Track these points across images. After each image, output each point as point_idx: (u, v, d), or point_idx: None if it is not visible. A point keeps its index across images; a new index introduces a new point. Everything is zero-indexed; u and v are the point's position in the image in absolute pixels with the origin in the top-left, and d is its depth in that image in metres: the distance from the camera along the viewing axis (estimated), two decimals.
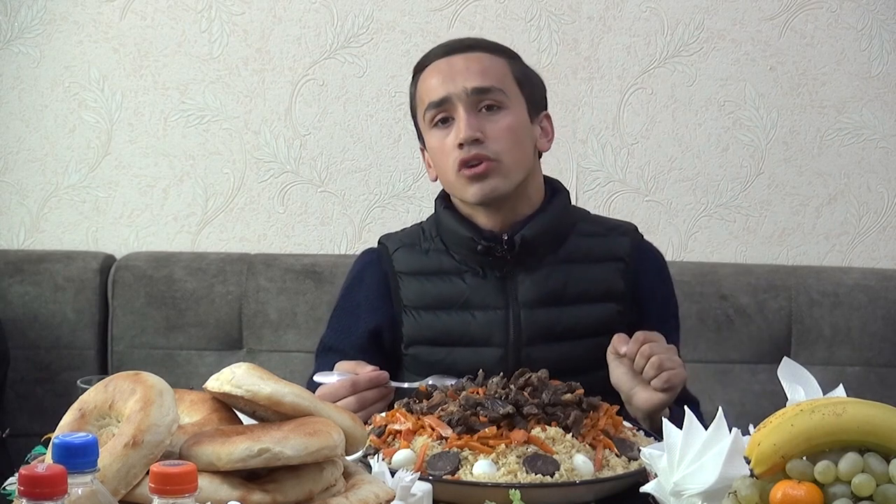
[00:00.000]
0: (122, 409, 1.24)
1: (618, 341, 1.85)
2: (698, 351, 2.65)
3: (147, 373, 1.27)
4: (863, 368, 2.67)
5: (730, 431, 1.37)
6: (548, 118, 2.10)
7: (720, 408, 1.41)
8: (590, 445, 1.56)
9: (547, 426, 1.57)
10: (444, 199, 2.08)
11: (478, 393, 1.65)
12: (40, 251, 2.85)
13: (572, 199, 2.15)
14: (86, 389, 1.30)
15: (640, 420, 1.83)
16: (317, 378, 1.84)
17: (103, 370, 2.70)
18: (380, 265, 2.09)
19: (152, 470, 1.05)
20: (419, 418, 1.62)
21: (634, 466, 1.56)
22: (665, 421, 1.47)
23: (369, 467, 1.44)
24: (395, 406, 1.70)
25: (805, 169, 2.88)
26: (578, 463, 1.52)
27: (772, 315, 2.68)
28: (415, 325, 2.02)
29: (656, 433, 1.68)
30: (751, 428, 1.34)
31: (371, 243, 2.18)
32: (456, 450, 1.54)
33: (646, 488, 1.42)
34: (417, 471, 1.46)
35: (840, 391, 1.46)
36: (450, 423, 1.57)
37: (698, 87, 2.87)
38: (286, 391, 1.29)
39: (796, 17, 2.86)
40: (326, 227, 2.91)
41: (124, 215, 2.93)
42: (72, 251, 2.85)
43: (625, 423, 1.69)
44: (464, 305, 2.01)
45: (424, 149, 2.08)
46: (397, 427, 1.62)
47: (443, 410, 1.61)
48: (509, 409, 1.58)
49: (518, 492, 1.34)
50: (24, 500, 0.98)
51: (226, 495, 1.19)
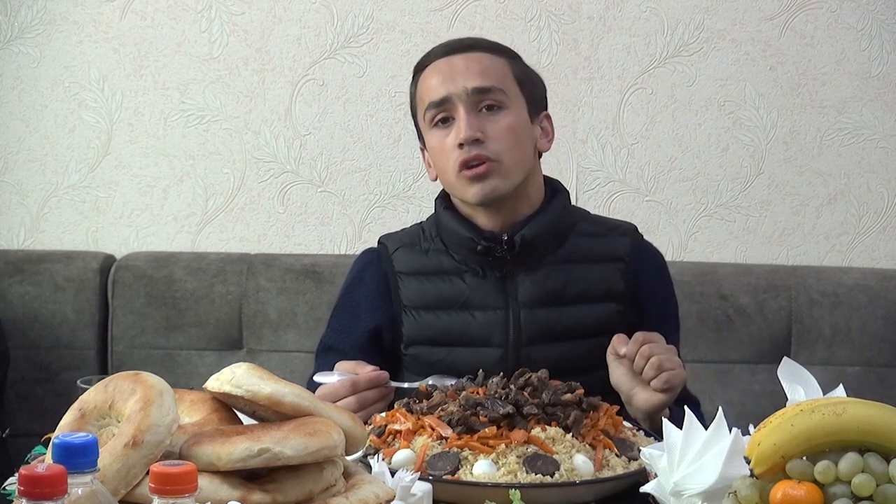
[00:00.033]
0: (122, 409, 1.24)
1: (617, 342, 1.85)
2: (698, 351, 2.65)
3: (147, 373, 1.27)
4: (863, 368, 2.67)
5: (730, 431, 1.36)
6: (548, 118, 2.10)
7: (720, 408, 1.41)
8: (590, 445, 1.56)
9: (547, 426, 1.57)
10: (444, 199, 2.08)
11: (478, 393, 1.65)
12: (40, 251, 2.85)
13: (572, 199, 2.15)
14: (86, 389, 1.30)
15: (640, 420, 1.82)
16: (317, 378, 1.84)
17: (103, 370, 2.70)
18: (380, 265, 2.09)
19: (152, 470, 1.05)
20: (419, 418, 1.62)
21: (634, 466, 1.56)
22: (665, 421, 1.47)
23: (369, 467, 1.44)
24: (395, 406, 1.70)
25: (805, 169, 2.88)
26: (578, 463, 1.52)
27: (772, 315, 2.68)
28: (415, 325, 2.02)
29: (656, 433, 1.68)
30: (751, 428, 1.34)
31: (371, 243, 2.18)
32: (456, 450, 1.54)
33: (646, 488, 1.42)
34: (417, 471, 1.46)
35: (840, 391, 1.46)
36: (450, 423, 1.57)
37: (698, 87, 2.87)
38: (286, 391, 1.29)
39: (796, 17, 2.85)
40: (326, 227, 2.91)
41: (124, 215, 2.93)
42: (72, 251, 2.85)
43: (625, 423, 1.69)
44: (464, 305, 2.00)
45: (424, 148, 2.08)
46: (397, 427, 1.62)
47: (443, 410, 1.61)
48: (509, 409, 1.58)
49: (518, 492, 1.34)
50: (24, 500, 0.98)
51: (226, 495, 1.19)
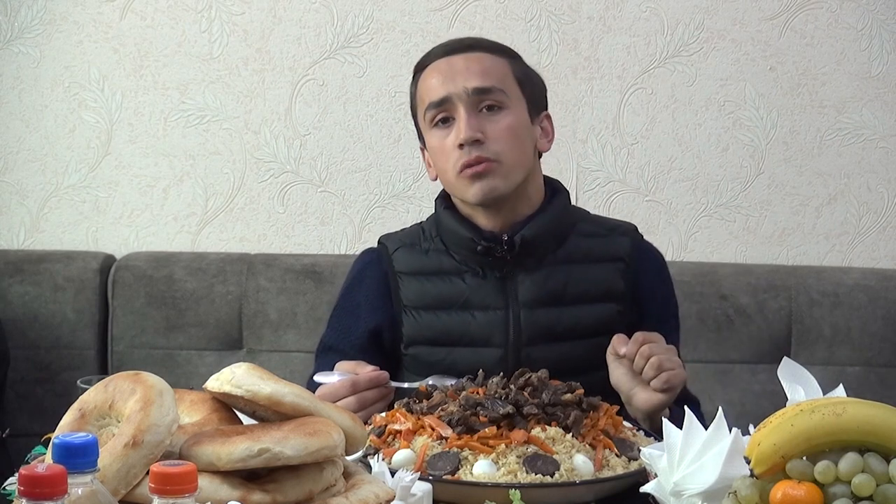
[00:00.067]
0: (122, 409, 1.24)
1: (617, 342, 1.85)
2: (698, 351, 2.65)
3: (147, 373, 1.27)
4: (863, 368, 2.67)
5: (730, 431, 1.36)
6: (548, 118, 2.10)
7: (720, 408, 1.41)
8: (590, 445, 1.56)
9: (547, 426, 1.57)
10: (445, 199, 2.08)
11: (478, 393, 1.65)
12: (40, 251, 2.85)
13: (572, 199, 2.15)
14: (86, 389, 1.30)
15: (640, 420, 1.82)
16: (317, 378, 1.84)
17: (103, 370, 2.70)
18: (380, 265, 2.09)
19: (152, 470, 1.05)
20: (419, 418, 1.61)
21: (634, 466, 1.56)
22: (665, 421, 1.47)
23: (369, 467, 1.44)
24: (395, 406, 1.70)
25: (805, 169, 2.88)
26: (578, 463, 1.52)
27: (772, 315, 2.68)
28: (415, 325, 2.02)
29: (656, 433, 1.68)
30: (751, 428, 1.34)
31: (371, 243, 2.18)
32: (456, 450, 1.54)
33: (646, 488, 1.42)
34: (417, 471, 1.46)
35: (840, 391, 1.46)
36: (450, 423, 1.57)
37: (698, 87, 2.87)
38: (286, 391, 1.29)
39: (796, 17, 2.85)
40: (326, 227, 2.91)
41: (124, 215, 2.93)
42: (72, 251, 2.85)
43: (625, 423, 1.69)
44: (464, 305, 2.00)
45: (424, 148, 2.08)
46: (397, 427, 1.62)
47: (443, 410, 1.61)
48: (509, 409, 1.58)
49: (518, 492, 1.34)
50: (24, 500, 0.98)
51: (226, 495, 1.19)
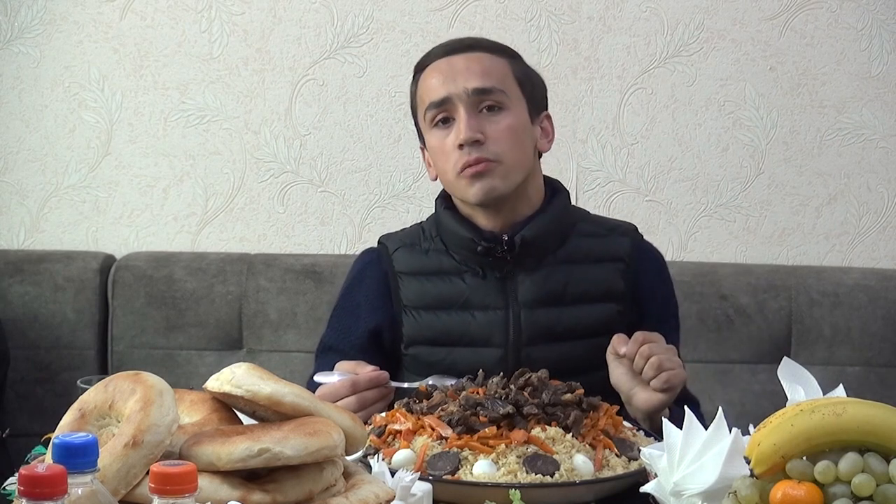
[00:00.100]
0: (122, 409, 1.24)
1: (617, 342, 1.85)
2: (698, 351, 2.65)
3: (147, 373, 1.27)
4: (863, 368, 2.67)
5: (730, 431, 1.36)
6: (548, 118, 2.10)
7: (720, 408, 1.41)
8: (590, 445, 1.56)
9: (547, 426, 1.57)
10: (445, 199, 2.08)
11: (478, 393, 1.65)
12: (40, 251, 2.85)
13: (572, 199, 2.15)
14: (86, 389, 1.30)
15: (640, 420, 1.82)
16: (317, 378, 1.84)
17: (103, 370, 2.70)
18: (380, 265, 2.09)
19: (152, 470, 1.05)
20: (419, 418, 1.61)
21: (634, 466, 1.56)
22: (665, 421, 1.47)
23: (369, 467, 1.44)
24: (395, 406, 1.70)
25: (805, 169, 2.88)
26: (578, 463, 1.52)
27: (772, 315, 2.68)
28: (415, 325, 2.02)
29: (656, 433, 1.68)
30: (751, 428, 1.34)
31: (371, 243, 2.18)
32: (456, 450, 1.54)
33: (646, 488, 1.42)
34: (417, 471, 1.46)
35: (840, 391, 1.46)
36: (450, 423, 1.57)
37: (698, 87, 2.87)
38: (286, 391, 1.29)
39: (796, 17, 2.85)
40: (326, 227, 2.91)
41: (124, 215, 2.93)
42: (72, 251, 2.85)
43: (625, 423, 1.69)
44: (464, 305, 2.00)
45: (424, 148, 2.08)
46: (397, 427, 1.62)
47: (443, 410, 1.61)
48: (509, 409, 1.58)
49: (518, 492, 1.34)
50: (24, 500, 0.98)
51: (226, 495, 1.19)
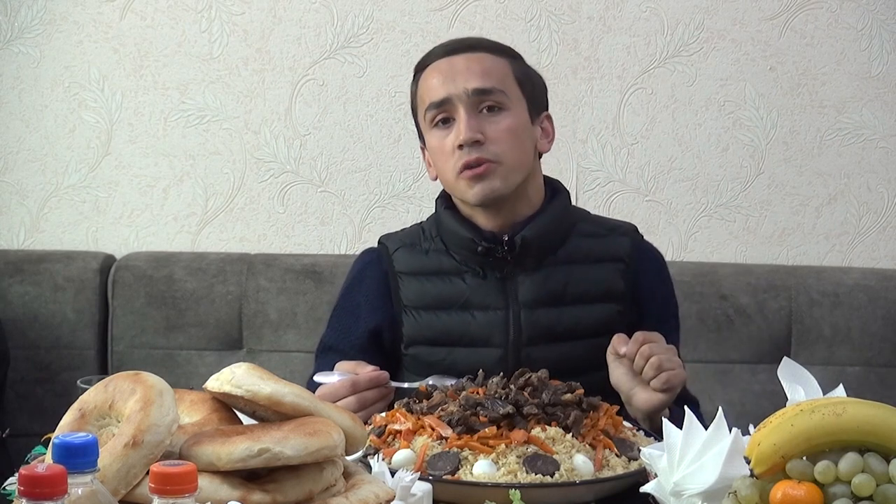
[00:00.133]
0: (122, 409, 1.24)
1: (617, 342, 1.85)
2: (698, 351, 2.65)
3: (147, 373, 1.27)
4: (863, 368, 2.67)
5: (730, 431, 1.36)
6: (548, 119, 2.10)
7: (720, 408, 1.40)
8: (590, 445, 1.56)
9: (547, 426, 1.57)
10: (445, 199, 2.07)
11: (478, 393, 1.65)
12: (40, 251, 2.85)
13: (572, 199, 2.15)
14: (86, 389, 1.30)
15: (640, 420, 1.82)
16: (317, 378, 1.84)
17: (103, 370, 2.70)
18: (380, 265, 2.09)
19: (152, 470, 1.05)
20: (419, 418, 1.61)
21: (634, 466, 1.56)
22: (665, 421, 1.47)
23: (369, 467, 1.44)
24: (395, 406, 1.70)
25: (805, 169, 2.88)
26: (578, 463, 1.52)
27: (772, 315, 2.68)
28: (415, 325, 2.02)
29: (656, 433, 1.68)
30: (751, 428, 1.34)
31: (371, 243, 2.18)
32: (456, 450, 1.54)
33: (646, 488, 1.42)
34: (417, 471, 1.46)
35: (840, 391, 1.46)
36: (450, 423, 1.57)
37: (698, 87, 2.87)
38: (286, 391, 1.29)
39: (796, 17, 2.85)
40: (326, 227, 2.91)
41: (124, 215, 2.93)
42: (72, 251, 2.85)
43: (625, 423, 1.69)
44: (464, 306, 2.00)
45: (425, 148, 2.08)
46: (397, 427, 1.62)
47: (443, 410, 1.61)
48: (509, 409, 1.58)
49: (518, 492, 1.34)
50: (24, 500, 0.98)
51: (226, 495, 1.19)
